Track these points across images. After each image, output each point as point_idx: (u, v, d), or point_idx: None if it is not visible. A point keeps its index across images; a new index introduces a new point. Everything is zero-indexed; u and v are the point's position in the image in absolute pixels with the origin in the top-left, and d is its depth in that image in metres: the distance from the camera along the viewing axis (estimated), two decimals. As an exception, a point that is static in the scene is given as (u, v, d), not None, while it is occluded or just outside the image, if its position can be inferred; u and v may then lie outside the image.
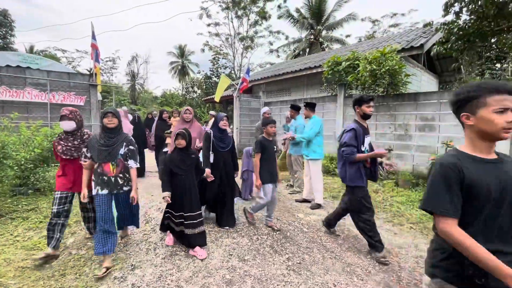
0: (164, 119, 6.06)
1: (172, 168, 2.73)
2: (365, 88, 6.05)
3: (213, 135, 3.36)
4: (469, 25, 5.65)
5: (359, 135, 2.67)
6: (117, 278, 2.32)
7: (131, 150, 2.59)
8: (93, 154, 2.48)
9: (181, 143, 2.75)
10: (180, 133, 2.75)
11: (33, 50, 24.77)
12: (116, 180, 2.52)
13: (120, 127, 2.61)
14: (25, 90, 6.17)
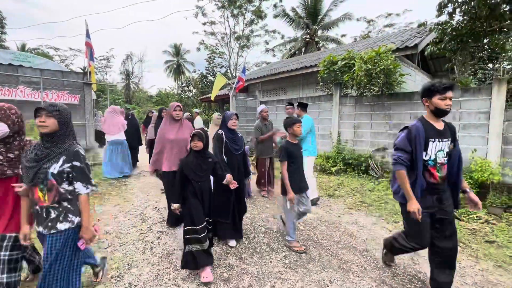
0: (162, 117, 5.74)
1: (188, 174, 2.39)
2: (361, 87, 6.11)
3: (225, 136, 2.97)
4: (462, 26, 5.74)
5: (417, 137, 1.97)
6: (114, 277, 2.31)
7: (77, 168, 1.68)
8: (23, 173, 1.70)
9: (197, 145, 2.40)
10: (197, 134, 2.40)
11: (25, 48, 24.36)
12: (47, 212, 1.66)
13: (62, 133, 1.72)
14: (18, 89, 6.08)
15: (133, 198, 4.56)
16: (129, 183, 5.52)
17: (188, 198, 2.40)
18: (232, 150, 2.99)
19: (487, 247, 2.99)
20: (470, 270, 2.56)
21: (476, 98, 4.58)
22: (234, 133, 3.08)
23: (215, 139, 2.99)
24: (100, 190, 4.86)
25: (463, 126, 4.72)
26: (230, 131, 3.05)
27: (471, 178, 4.15)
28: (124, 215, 3.75)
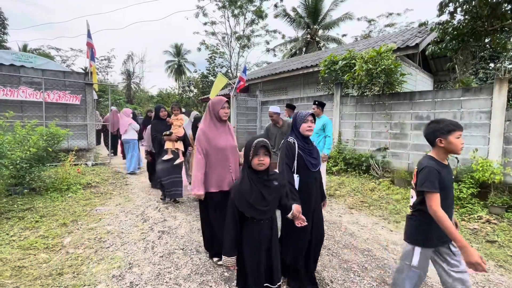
0: (162, 118, 4.57)
1: (243, 209, 1.61)
2: (362, 87, 6.11)
3: (298, 146, 2.08)
4: (463, 25, 5.73)
5: None
6: (115, 277, 2.32)
7: None
8: None
9: (264, 162, 1.61)
10: (264, 145, 1.61)
11: (27, 48, 24.44)
12: None
13: None
14: (20, 89, 6.11)
15: (134, 197, 4.57)
16: (130, 183, 5.53)
17: (243, 248, 1.66)
18: (309, 166, 2.07)
19: (488, 247, 2.99)
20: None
21: (478, 98, 4.57)
22: (309, 142, 2.16)
23: (283, 149, 2.11)
24: (102, 190, 4.88)
25: (464, 126, 4.71)
26: (303, 139, 2.14)
27: (472, 178, 4.14)
28: (125, 215, 3.77)
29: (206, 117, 2.51)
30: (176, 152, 4.24)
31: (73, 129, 6.65)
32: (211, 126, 2.45)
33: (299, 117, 2.15)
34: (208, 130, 2.43)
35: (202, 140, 2.41)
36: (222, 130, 2.48)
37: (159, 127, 4.37)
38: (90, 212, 3.81)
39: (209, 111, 2.49)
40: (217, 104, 2.45)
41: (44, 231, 3.12)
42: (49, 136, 4.51)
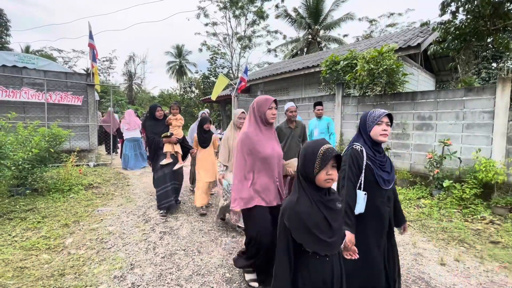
0: (157, 118, 4.01)
1: (305, 239, 1.21)
2: (363, 87, 6.09)
3: (367, 156, 1.64)
4: (466, 25, 5.70)
5: None
6: (117, 277, 2.32)
7: None
8: None
9: (333, 177, 1.24)
10: (336, 154, 1.23)
11: (29, 50, 24.58)
12: None
13: None
14: (22, 90, 6.14)
15: (135, 198, 4.57)
16: (132, 184, 5.54)
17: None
18: (380, 183, 1.60)
19: (491, 248, 2.96)
20: (474, 270, 2.53)
21: (480, 98, 4.54)
22: (381, 151, 1.71)
23: (348, 159, 1.63)
24: (104, 191, 4.89)
25: (467, 126, 4.68)
26: (374, 146, 1.68)
27: (475, 178, 4.11)
28: (127, 216, 3.77)
29: (250, 119, 2.13)
30: (175, 156, 3.93)
31: (75, 130, 6.67)
32: (255, 130, 2.06)
33: (371, 118, 1.67)
34: (253, 134, 2.04)
35: (247, 144, 2.01)
36: (268, 135, 2.09)
37: (156, 128, 3.90)
38: (91, 212, 3.81)
39: (253, 112, 2.11)
40: (263, 104, 2.05)
41: (46, 231, 3.13)
42: (51, 137, 4.52)
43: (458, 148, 4.69)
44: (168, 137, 3.81)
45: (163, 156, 3.83)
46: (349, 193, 1.59)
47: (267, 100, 2.08)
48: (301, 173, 1.28)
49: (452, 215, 3.80)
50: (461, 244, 3.05)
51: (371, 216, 1.63)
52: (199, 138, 3.93)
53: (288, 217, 1.23)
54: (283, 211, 1.26)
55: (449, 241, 3.11)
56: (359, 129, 1.78)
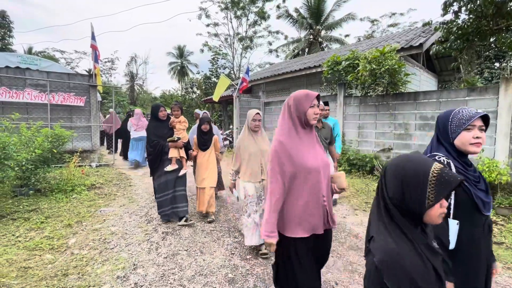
0: (160, 119, 3.61)
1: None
2: (365, 87, 6.08)
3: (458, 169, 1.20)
4: (468, 24, 5.67)
5: None
6: (120, 278, 2.33)
7: None
8: None
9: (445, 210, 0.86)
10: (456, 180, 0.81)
11: (32, 51, 24.74)
12: None
13: None
14: (25, 91, 6.18)
15: (138, 199, 4.59)
16: (134, 184, 5.56)
17: None
18: (480, 206, 1.17)
19: (495, 249, 2.94)
20: (478, 272, 2.52)
21: (483, 98, 4.52)
22: (469, 163, 1.27)
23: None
24: (106, 191, 4.90)
25: (469, 126, 4.66)
26: (461, 157, 1.24)
27: (478, 178, 4.09)
28: (129, 216, 3.78)
29: (284, 121, 1.61)
30: (180, 161, 3.61)
31: (77, 130, 6.70)
32: (292, 136, 1.56)
33: (457, 120, 1.22)
34: (289, 141, 1.54)
35: (282, 157, 1.51)
36: (308, 140, 1.59)
37: (159, 130, 3.52)
38: (94, 213, 3.83)
39: (288, 112, 1.59)
40: (303, 100, 1.54)
41: (49, 232, 3.14)
42: (54, 137, 4.55)
43: (461, 148, 4.67)
44: (174, 141, 3.48)
45: (168, 162, 3.49)
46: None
47: (308, 96, 1.56)
48: (397, 204, 0.87)
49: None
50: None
51: (468, 254, 1.17)
52: (199, 140, 3.75)
53: (392, 276, 0.80)
54: (381, 264, 0.81)
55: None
56: (436, 135, 1.32)
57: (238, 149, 2.79)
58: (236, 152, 2.81)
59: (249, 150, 2.71)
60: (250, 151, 2.70)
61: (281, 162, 1.53)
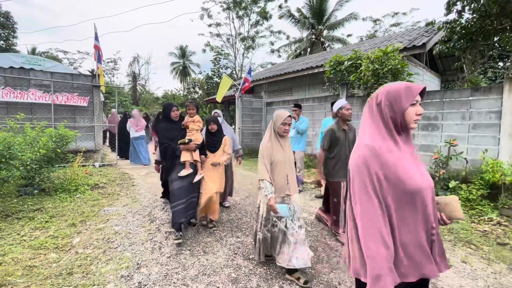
0: (172, 120, 3.23)
1: None
2: (368, 87, 6.06)
3: None
4: (472, 24, 5.64)
5: None
6: (124, 277, 2.35)
7: None
8: None
9: None
10: None
11: (35, 51, 24.93)
12: None
13: None
14: (29, 91, 6.23)
15: (141, 198, 4.61)
16: (137, 184, 5.58)
17: None
18: None
19: (499, 250, 2.93)
20: (482, 272, 2.51)
21: (487, 97, 4.49)
22: None
23: None
24: (109, 191, 4.93)
25: (473, 126, 4.63)
26: None
27: (482, 179, 4.07)
28: (132, 215, 3.80)
29: (371, 123, 1.21)
30: (194, 165, 3.24)
31: (80, 130, 6.75)
32: (387, 142, 1.15)
33: None
34: (385, 149, 1.13)
35: (376, 168, 1.10)
36: (408, 150, 1.18)
37: (171, 132, 3.17)
38: (98, 212, 3.85)
39: (379, 112, 1.20)
40: (404, 96, 1.15)
41: (54, 231, 3.17)
42: (58, 137, 4.58)
43: (465, 148, 4.65)
44: (185, 144, 3.13)
45: (181, 166, 3.13)
46: None
47: (410, 90, 1.15)
48: None
49: (458, 216, 3.76)
50: (468, 246, 3.02)
51: None
52: (207, 141, 3.50)
53: None
54: None
55: (455, 243, 3.09)
56: None
57: (263, 156, 2.29)
58: (261, 160, 2.31)
59: (276, 158, 2.28)
60: (277, 159, 2.28)
61: (376, 176, 1.09)
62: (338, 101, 3.06)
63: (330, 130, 3.02)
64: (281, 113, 2.31)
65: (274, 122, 2.34)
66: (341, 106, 3.02)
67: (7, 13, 20.61)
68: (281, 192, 2.30)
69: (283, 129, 2.29)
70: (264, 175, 2.24)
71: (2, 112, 6.10)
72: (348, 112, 2.98)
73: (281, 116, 2.28)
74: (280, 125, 2.29)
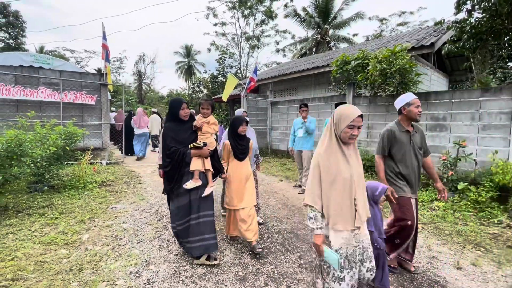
0: (181, 119, 2.62)
1: None
2: (375, 87, 6.01)
3: None
4: (482, 23, 5.56)
5: None
6: (133, 274, 2.37)
7: None
8: None
9: None
10: None
11: (43, 50, 25.26)
12: None
13: None
14: (39, 90, 6.32)
15: (147, 196, 4.65)
16: (143, 182, 5.63)
17: None
18: None
19: (509, 252, 2.89)
20: (492, 275, 2.48)
21: (497, 98, 4.42)
22: None
23: None
24: (116, 188, 4.98)
25: (483, 127, 4.57)
26: None
27: (491, 181, 4.01)
28: (139, 213, 3.84)
29: None
30: (204, 175, 2.65)
31: (88, 128, 6.83)
32: None
33: None
34: None
35: None
36: None
37: (180, 134, 2.59)
38: (106, 209, 3.90)
39: None
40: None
41: (63, 227, 3.22)
42: (67, 135, 4.64)
43: (474, 150, 4.59)
44: (199, 148, 2.56)
45: (190, 176, 2.55)
46: None
47: None
48: None
49: (467, 219, 3.72)
50: (478, 248, 2.98)
51: None
52: (235, 147, 2.87)
53: None
54: None
55: (465, 245, 3.05)
56: None
57: (318, 170, 1.61)
58: (314, 175, 1.62)
59: (338, 174, 1.57)
60: (340, 175, 1.57)
61: None
62: (403, 96, 2.38)
63: (388, 131, 2.35)
64: (348, 110, 1.60)
65: (336, 124, 1.62)
66: (407, 101, 2.32)
67: (16, 13, 20.92)
68: (347, 224, 1.58)
69: (349, 133, 1.58)
70: (313, 199, 1.60)
71: (13, 109, 6.20)
72: (417, 110, 2.30)
73: (348, 116, 1.57)
74: (346, 128, 1.58)
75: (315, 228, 1.58)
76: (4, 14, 20.30)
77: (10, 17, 20.61)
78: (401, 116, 2.41)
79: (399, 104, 2.41)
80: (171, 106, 2.64)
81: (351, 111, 1.59)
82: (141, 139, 8.52)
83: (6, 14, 20.34)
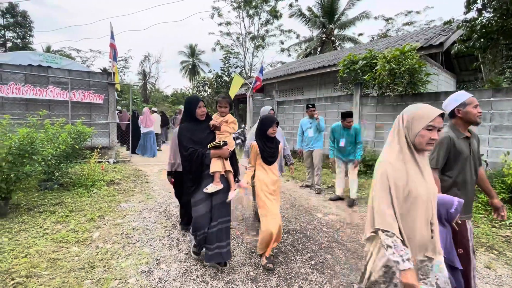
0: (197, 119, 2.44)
1: None
2: (383, 87, 5.97)
3: None
4: (493, 23, 5.48)
5: None
6: (144, 272, 2.38)
7: None
8: None
9: None
10: None
11: (50, 49, 25.53)
12: None
13: None
14: (48, 88, 6.38)
15: (155, 195, 4.67)
16: (151, 181, 5.66)
17: None
18: None
19: (523, 256, 2.84)
20: (507, 279, 2.44)
21: (509, 99, 4.36)
22: None
23: None
24: (124, 187, 5.02)
25: (494, 128, 4.50)
26: None
27: (503, 182, 3.95)
28: (148, 212, 3.86)
29: None
30: (225, 178, 2.49)
31: (96, 127, 6.88)
32: None
33: None
34: None
35: None
36: None
37: (196, 134, 2.41)
38: (115, 208, 3.93)
39: None
40: None
41: (74, 225, 3.25)
42: (76, 134, 4.68)
43: (485, 151, 4.52)
44: (218, 148, 2.37)
45: (209, 179, 2.38)
46: None
47: None
48: None
49: (478, 221, 3.67)
50: (490, 251, 2.94)
51: None
52: (264, 150, 2.58)
53: None
54: None
55: (477, 247, 3.01)
56: None
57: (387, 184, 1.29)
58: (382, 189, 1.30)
59: (414, 190, 1.28)
60: (416, 192, 1.28)
61: None
62: (455, 95, 1.93)
63: (447, 138, 1.83)
64: (425, 109, 1.32)
65: (407, 127, 1.33)
66: (462, 101, 1.86)
67: (24, 13, 21.19)
68: (419, 251, 1.30)
69: (428, 137, 1.29)
70: (387, 221, 1.25)
71: (22, 108, 6.28)
72: (476, 111, 1.85)
73: (425, 116, 1.29)
74: (423, 130, 1.29)
75: (400, 261, 1.18)
76: (12, 14, 20.57)
77: (18, 17, 20.88)
78: (455, 119, 1.93)
79: (451, 105, 1.93)
80: (187, 104, 2.45)
81: (428, 110, 1.30)
82: (148, 137, 8.79)
83: (14, 14, 20.61)
